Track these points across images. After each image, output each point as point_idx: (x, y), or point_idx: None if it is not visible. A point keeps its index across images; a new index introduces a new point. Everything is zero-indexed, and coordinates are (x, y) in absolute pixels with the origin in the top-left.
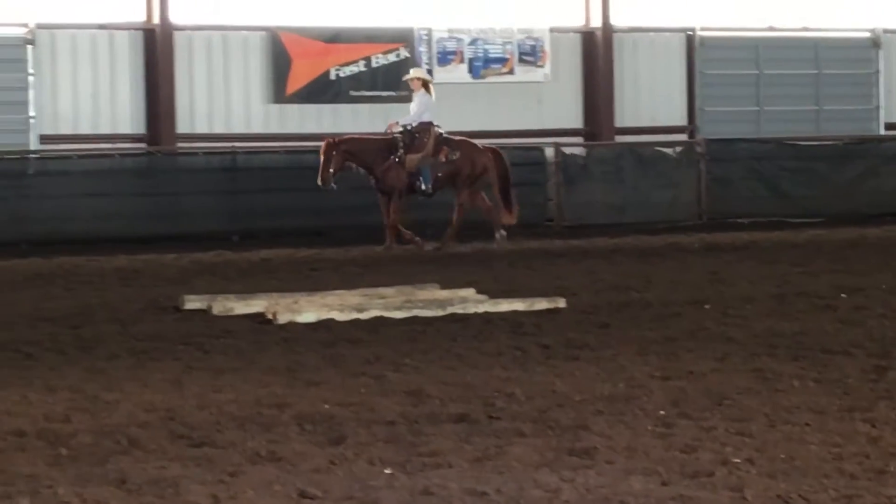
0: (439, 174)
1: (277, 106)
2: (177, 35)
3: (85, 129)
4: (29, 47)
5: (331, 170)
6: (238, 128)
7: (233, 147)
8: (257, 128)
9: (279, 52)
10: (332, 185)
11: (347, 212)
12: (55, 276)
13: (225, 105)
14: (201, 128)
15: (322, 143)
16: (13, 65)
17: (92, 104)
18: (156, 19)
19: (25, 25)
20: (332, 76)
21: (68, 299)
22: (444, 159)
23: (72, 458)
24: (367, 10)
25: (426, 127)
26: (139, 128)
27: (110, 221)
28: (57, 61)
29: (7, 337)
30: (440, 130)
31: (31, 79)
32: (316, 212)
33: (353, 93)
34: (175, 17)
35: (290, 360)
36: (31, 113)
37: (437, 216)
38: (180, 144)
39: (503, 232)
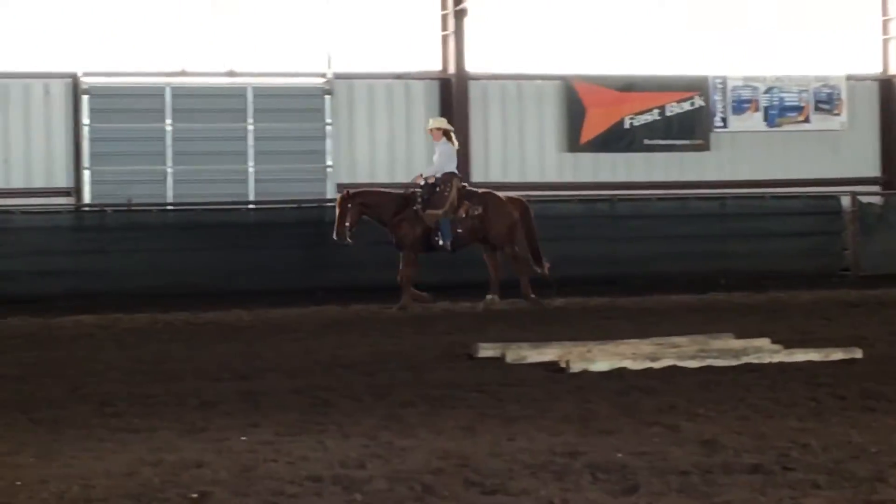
0: (459, 230)
1: (572, 154)
2: (472, 84)
3: (381, 178)
4: (327, 97)
5: (346, 223)
6: (532, 176)
7: (527, 195)
8: (551, 176)
9: (573, 101)
10: (348, 239)
11: (642, 261)
12: (351, 323)
13: (519, 153)
14: (496, 176)
15: (337, 197)
16: (311, 114)
17: (388, 153)
18: (451, 69)
19: (323, 76)
20: (626, 125)
21: (364, 346)
22: (464, 215)
23: None
24: (661, 58)
25: (448, 178)
26: None
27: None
28: (354, 111)
29: (304, 383)
30: (464, 182)
31: (328, 128)
32: (610, 260)
33: (647, 141)
34: (470, 67)
35: (582, 408)
36: (329, 162)
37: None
38: None
39: (496, 297)
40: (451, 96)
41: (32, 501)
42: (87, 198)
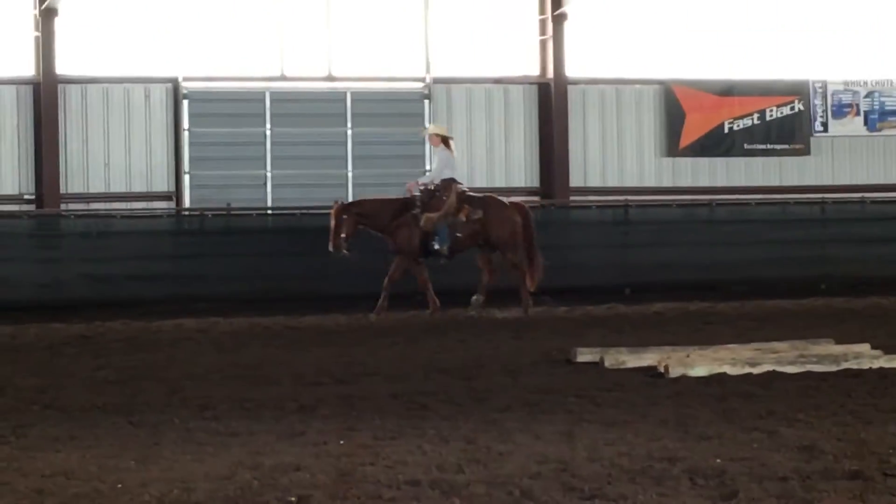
0: (458, 234)
1: (670, 159)
2: (570, 89)
3: (480, 182)
4: (426, 102)
5: (342, 235)
6: (631, 181)
7: (625, 200)
8: (650, 181)
9: (672, 106)
10: (345, 251)
11: (742, 266)
12: (448, 327)
13: (618, 158)
14: (594, 181)
15: (332, 208)
16: (410, 119)
17: (486, 157)
18: (550, 73)
19: (422, 80)
20: (726, 129)
21: (461, 351)
22: (464, 219)
23: None
24: (760, 63)
25: (447, 184)
26: (532, 181)
27: (502, 274)
28: (452, 115)
29: (402, 387)
30: (463, 188)
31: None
32: (709, 265)
33: (746, 146)
34: (569, 71)
35: (681, 413)
36: (427, 166)
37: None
38: (573, 198)
39: (481, 298)
40: (550, 101)
41: None
42: (186, 202)
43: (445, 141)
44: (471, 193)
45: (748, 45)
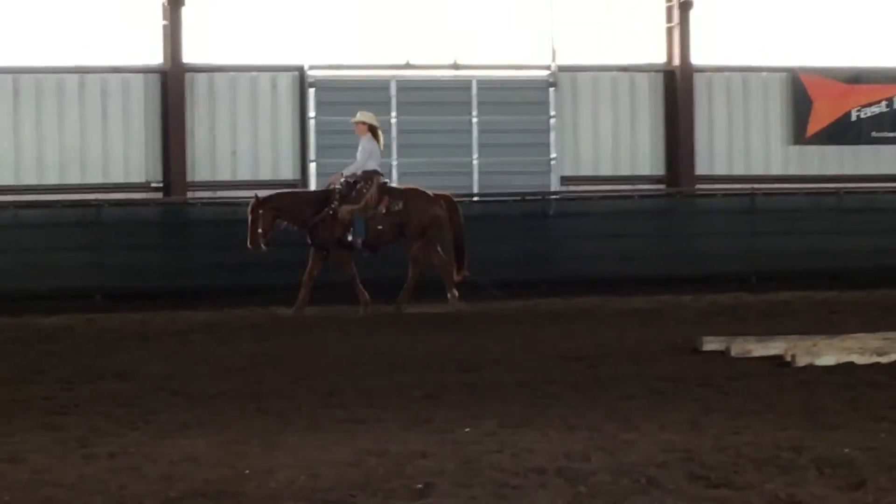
0: (380, 227)
1: (797, 147)
2: (696, 76)
3: (605, 171)
4: (551, 90)
5: (259, 230)
6: (757, 169)
7: (752, 189)
8: (776, 169)
9: (799, 94)
10: (263, 246)
11: (869, 255)
12: (575, 315)
13: (744, 146)
14: (720, 169)
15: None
16: (536, 107)
17: (612, 146)
18: (676, 61)
19: (548, 68)
20: (853, 117)
21: (587, 339)
22: (384, 210)
23: (590, 496)
24: (888, 50)
25: (369, 176)
26: (658, 169)
27: (629, 262)
28: (578, 103)
29: (528, 375)
30: (385, 180)
31: (552, 121)
32: (836, 254)
33: (874, 134)
34: (695, 59)
35: (808, 403)
36: (553, 154)
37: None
38: (699, 186)
39: (455, 292)
40: (676, 89)
41: (260, 490)
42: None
43: (373, 130)
44: (393, 185)
45: (875, 32)
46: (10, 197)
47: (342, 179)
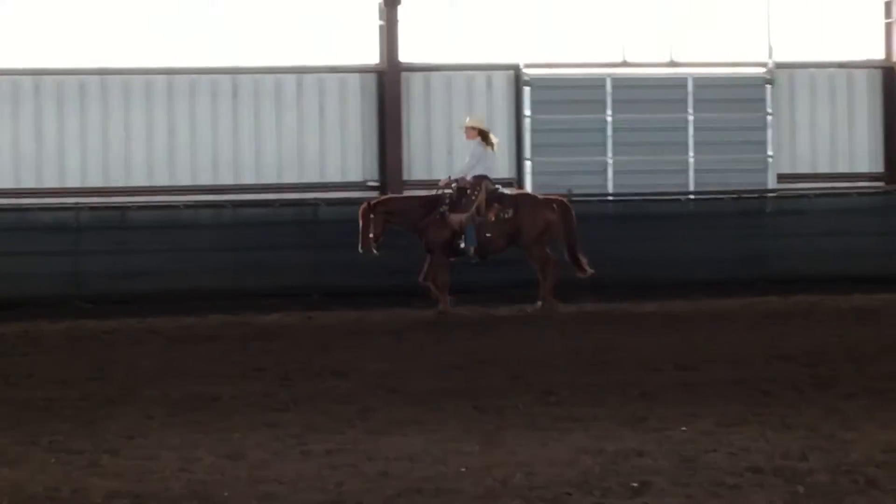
0: (488, 234)
1: None
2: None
3: (822, 168)
4: (768, 87)
5: (371, 234)
6: None
7: None
8: None
9: None
10: (375, 251)
11: None
12: (792, 314)
13: None
14: None
15: (360, 208)
16: (752, 104)
17: (829, 143)
18: (895, 57)
19: (764, 65)
20: None
21: (805, 337)
22: (492, 218)
23: (808, 497)
24: None
25: (477, 182)
26: (877, 166)
27: (846, 260)
28: (795, 100)
29: (744, 373)
30: (495, 186)
31: (769, 118)
32: None
33: None
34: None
35: None
36: (769, 152)
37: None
38: None
39: (539, 304)
40: (894, 85)
41: (477, 488)
42: (528, 188)
43: (483, 134)
44: (503, 191)
45: None
46: (229, 196)
47: (452, 185)
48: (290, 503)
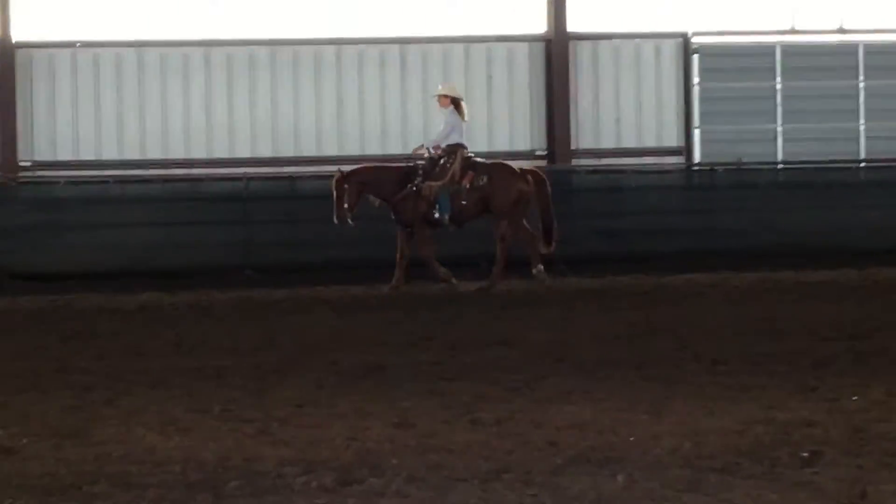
0: (464, 202)
1: None
2: None
3: None
4: None
5: (345, 205)
6: None
7: None
8: None
9: None
10: (350, 221)
11: None
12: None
13: None
14: None
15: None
16: None
17: None
18: None
19: None
20: None
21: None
22: (468, 185)
23: None
24: None
25: (453, 150)
26: None
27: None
28: None
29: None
30: (469, 153)
31: None
32: None
33: None
34: None
35: None
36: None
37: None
38: None
39: (541, 267)
40: None
41: (647, 457)
42: (696, 157)
43: (456, 102)
44: (478, 159)
45: None
46: None
47: (425, 153)
48: (459, 472)
